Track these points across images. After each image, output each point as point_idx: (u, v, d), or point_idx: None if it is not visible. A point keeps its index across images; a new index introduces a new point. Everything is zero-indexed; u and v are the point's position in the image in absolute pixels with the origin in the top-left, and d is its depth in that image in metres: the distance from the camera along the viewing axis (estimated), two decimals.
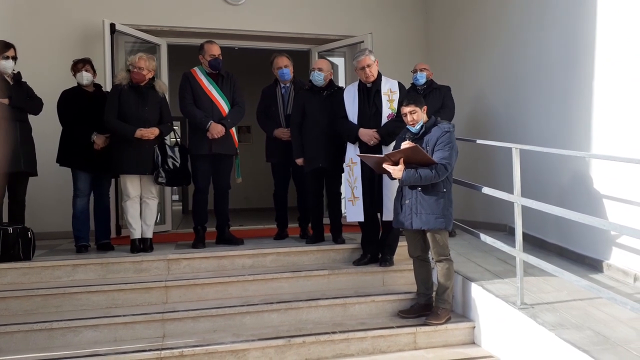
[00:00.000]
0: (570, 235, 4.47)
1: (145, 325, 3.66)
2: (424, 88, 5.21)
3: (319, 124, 4.61)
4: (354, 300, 4.01)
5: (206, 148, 4.67)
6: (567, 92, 4.56)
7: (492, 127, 5.68)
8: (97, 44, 5.66)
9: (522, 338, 3.33)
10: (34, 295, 3.83)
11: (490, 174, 5.58)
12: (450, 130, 3.70)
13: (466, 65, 6.19)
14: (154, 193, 4.67)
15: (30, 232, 4.30)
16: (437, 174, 3.56)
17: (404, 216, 3.74)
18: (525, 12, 5.17)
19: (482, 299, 3.76)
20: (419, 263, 3.92)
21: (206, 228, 4.87)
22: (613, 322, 3.16)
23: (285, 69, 5.05)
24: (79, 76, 4.63)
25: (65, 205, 4.74)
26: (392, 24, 6.85)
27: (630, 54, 3.91)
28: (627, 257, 3.93)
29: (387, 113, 4.30)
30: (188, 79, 4.75)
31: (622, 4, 4.00)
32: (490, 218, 5.68)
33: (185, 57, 6.15)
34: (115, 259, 4.28)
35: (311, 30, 6.57)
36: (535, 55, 4.99)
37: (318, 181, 4.79)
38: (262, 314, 3.85)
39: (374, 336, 3.68)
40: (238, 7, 6.42)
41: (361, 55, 4.35)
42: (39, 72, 5.19)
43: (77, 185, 4.63)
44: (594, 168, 4.28)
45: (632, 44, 3.89)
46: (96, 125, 4.53)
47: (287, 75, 5.07)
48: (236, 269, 4.42)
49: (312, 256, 4.61)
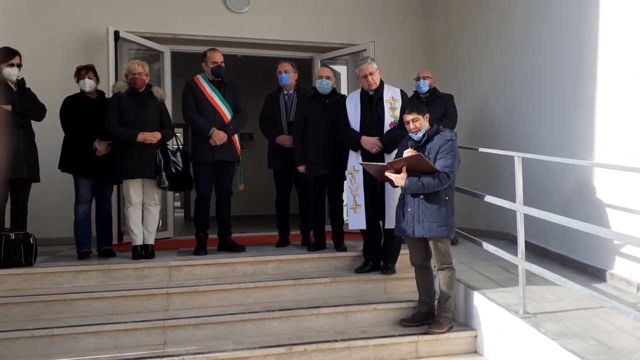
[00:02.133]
0: (573, 244, 4.45)
1: (147, 332, 3.65)
2: (427, 96, 5.20)
3: (321, 131, 4.62)
4: (356, 308, 4.00)
5: (209, 155, 4.68)
6: (570, 99, 4.56)
7: (495, 135, 5.68)
8: (101, 51, 5.68)
9: (525, 347, 3.31)
10: (35, 302, 3.83)
11: (492, 182, 5.57)
12: (452, 138, 3.70)
13: (468, 72, 6.20)
14: (156, 199, 4.69)
15: (32, 238, 4.30)
16: (440, 182, 3.56)
17: (406, 224, 3.73)
18: (527, 19, 5.18)
19: (485, 308, 3.75)
20: (420, 271, 3.91)
21: (208, 235, 4.87)
22: (616, 332, 3.15)
23: (284, 73, 5.09)
24: (82, 83, 4.65)
25: (67, 211, 4.74)
26: (395, 32, 6.88)
27: (635, 60, 3.90)
28: (630, 266, 3.91)
29: (389, 121, 4.31)
30: (191, 86, 4.78)
31: (625, 9, 4.00)
32: (493, 226, 5.66)
33: (188, 64, 6.18)
34: (116, 266, 4.27)
35: (314, 38, 6.61)
36: (538, 62, 4.99)
37: (320, 188, 4.79)
38: (263, 322, 3.84)
39: (376, 344, 3.66)
40: (241, 15, 6.47)
41: (364, 63, 4.36)
42: (43, 78, 5.21)
43: (78, 191, 4.64)
44: (597, 177, 4.27)
45: (637, 50, 3.88)
46: (98, 131, 4.54)
47: (285, 80, 5.10)
48: (237, 276, 4.41)
49: (314, 264, 4.60)
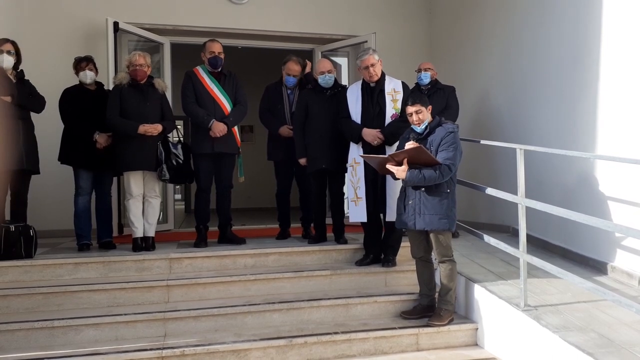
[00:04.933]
0: (574, 237, 4.44)
1: (147, 324, 3.65)
2: (428, 88, 5.17)
3: (322, 123, 4.59)
4: (356, 300, 4.00)
5: (208, 147, 4.66)
6: (572, 92, 4.53)
7: (496, 127, 5.65)
8: (100, 42, 5.65)
9: (526, 340, 3.30)
10: (35, 294, 3.83)
11: (494, 174, 5.56)
12: (454, 130, 3.68)
13: (470, 65, 6.16)
14: (157, 192, 4.67)
15: (32, 230, 4.30)
16: (441, 174, 3.54)
17: (407, 217, 3.72)
18: (529, 11, 5.14)
19: (485, 301, 3.74)
20: (421, 264, 3.90)
21: (208, 227, 4.87)
22: (617, 325, 3.14)
23: (293, 77, 5.04)
24: (82, 75, 4.63)
25: (67, 203, 4.73)
26: (396, 24, 6.84)
27: (637, 52, 3.87)
28: (631, 259, 3.90)
29: (390, 113, 4.28)
30: (190, 77, 4.75)
31: (627, 2, 3.97)
32: (494, 219, 5.65)
33: (188, 56, 6.15)
34: (117, 258, 4.27)
35: (315, 29, 6.56)
36: (540, 55, 4.96)
37: (321, 181, 4.78)
38: (263, 314, 3.84)
39: (376, 337, 3.66)
40: (241, 6, 6.42)
41: (365, 54, 4.33)
42: (42, 70, 5.19)
43: (78, 183, 4.63)
44: (599, 169, 4.25)
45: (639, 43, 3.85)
46: (98, 123, 4.52)
47: (291, 83, 5.07)
48: (238, 268, 4.41)
49: (315, 256, 4.60)
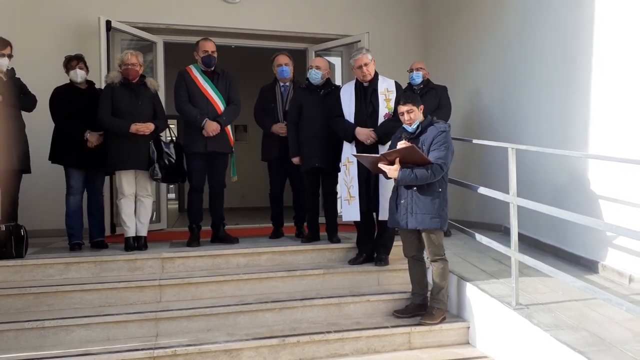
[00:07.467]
0: (565, 235, 4.46)
1: (139, 324, 3.64)
2: (421, 88, 5.18)
3: (315, 123, 4.60)
4: (349, 299, 4.00)
5: (201, 146, 4.64)
6: (564, 91, 4.55)
7: (488, 127, 5.67)
8: (92, 41, 5.61)
9: (517, 339, 3.32)
10: (26, 294, 3.80)
11: (486, 174, 5.58)
12: (446, 130, 3.69)
13: (462, 64, 6.18)
14: (149, 191, 4.66)
15: (23, 230, 4.27)
16: (433, 173, 3.55)
17: (400, 216, 3.73)
18: (522, 11, 5.15)
19: (477, 299, 3.76)
20: (414, 263, 3.91)
21: (201, 227, 4.85)
22: (608, 323, 3.16)
23: (285, 66, 5.07)
24: (73, 74, 4.60)
25: (58, 202, 4.70)
26: (389, 24, 6.84)
27: (628, 52, 3.89)
28: (622, 258, 3.93)
29: (384, 112, 4.29)
30: (183, 76, 4.73)
31: (620, 2, 3.99)
32: (486, 218, 5.67)
33: (181, 55, 6.13)
34: (109, 257, 4.25)
35: (308, 29, 6.56)
36: (532, 54, 4.98)
37: (314, 180, 4.78)
38: (256, 314, 3.83)
39: (369, 336, 3.67)
40: (235, 5, 6.40)
41: (358, 53, 4.33)
42: (33, 68, 5.14)
43: (69, 182, 4.60)
44: (591, 168, 4.27)
45: (631, 42, 3.87)
46: (89, 122, 4.50)
47: (286, 73, 5.08)
48: (231, 268, 4.40)
49: (308, 255, 4.60)
